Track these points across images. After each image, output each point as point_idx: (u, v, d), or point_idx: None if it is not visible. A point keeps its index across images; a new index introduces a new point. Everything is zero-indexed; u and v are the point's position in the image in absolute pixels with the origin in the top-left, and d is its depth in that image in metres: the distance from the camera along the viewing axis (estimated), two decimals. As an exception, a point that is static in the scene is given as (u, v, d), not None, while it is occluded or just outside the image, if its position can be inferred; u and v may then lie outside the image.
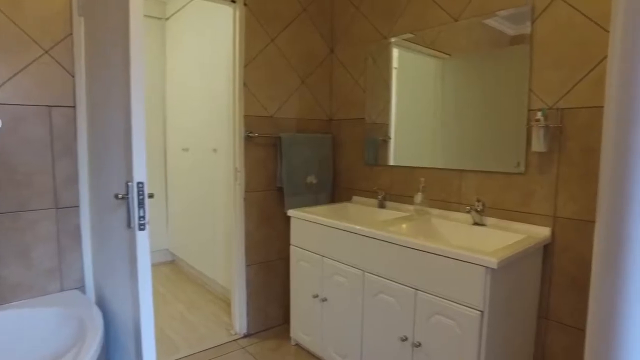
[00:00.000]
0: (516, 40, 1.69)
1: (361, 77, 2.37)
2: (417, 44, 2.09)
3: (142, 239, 1.15)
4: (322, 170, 2.47)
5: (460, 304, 1.39)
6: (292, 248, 2.14)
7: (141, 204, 1.14)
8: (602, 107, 1.46)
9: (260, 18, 2.23)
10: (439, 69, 2.01)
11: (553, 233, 1.61)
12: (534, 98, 1.63)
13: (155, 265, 3.64)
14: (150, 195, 1.24)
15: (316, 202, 2.42)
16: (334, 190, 2.57)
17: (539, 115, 1.56)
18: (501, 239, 1.60)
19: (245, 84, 2.20)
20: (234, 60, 2.20)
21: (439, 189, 1.99)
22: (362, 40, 2.35)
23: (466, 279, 1.37)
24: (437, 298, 1.46)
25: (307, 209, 2.16)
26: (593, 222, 1.50)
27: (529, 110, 1.64)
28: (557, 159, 1.59)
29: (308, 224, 2.01)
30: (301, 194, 2.37)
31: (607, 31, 1.44)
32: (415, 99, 2.12)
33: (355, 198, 2.43)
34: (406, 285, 1.56)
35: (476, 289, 1.35)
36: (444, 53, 1.97)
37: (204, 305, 2.81)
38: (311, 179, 2.41)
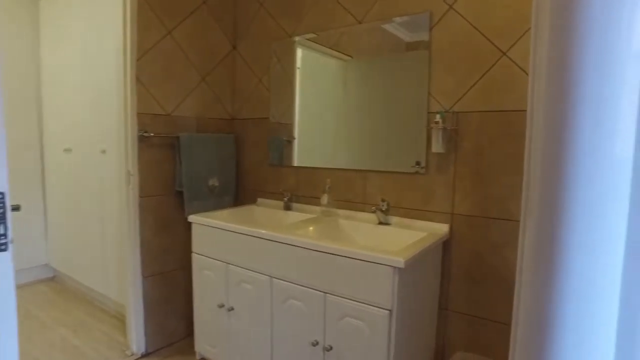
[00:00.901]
0: (415, 45, 1.76)
1: (265, 76, 2.30)
2: (320, 44, 2.08)
3: (3, 261, 0.94)
4: (225, 172, 2.34)
5: (369, 305, 1.40)
6: (194, 256, 1.99)
7: (1, 219, 0.94)
8: (490, 111, 1.59)
9: (155, 7, 2.03)
10: (342, 70, 2.03)
11: (451, 229, 1.71)
12: (433, 101, 1.71)
13: (31, 285, 3.16)
14: (15, 208, 1.03)
15: (220, 206, 2.29)
16: (239, 192, 2.46)
17: (438, 117, 1.64)
18: (406, 238, 1.65)
19: (138, 79, 1.99)
20: (125, 52, 1.97)
21: (344, 189, 2.00)
22: (266, 38, 2.28)
23: (374, 279, 1.38)
24: (347, 300, 1.45)
25: (209, 213, 2.02)
26: (484, 217, 1.62)
27: (429, 112, 1.72)
28: (454, 159, 1.68)
29: (211, 230, 1.88)
30: (203, 197, 2.22)
31: (493, 43, 1.57)
32: (319, 99, 2.11)
33: (260, 200, 2.35)
34: (315, 289, 1.53)
35: (384, 289, 1.36)
36: (346, 55, 1.99)
37: (94, 325, 2.50)
38: (213, 181, 2.27)
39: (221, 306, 1.86)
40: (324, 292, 1.51)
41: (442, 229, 1.71)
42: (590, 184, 0.32)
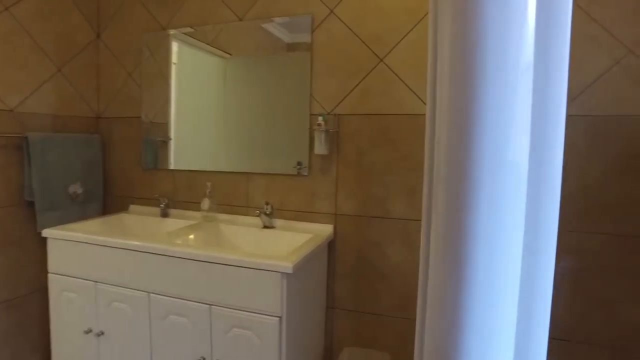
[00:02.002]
0: (296, 47, 1.77)
1: (136, 71, 2.08)
2: (198, 39, 1.96)
3: None
4: (90, 177, 2.07)
5: (258, 313, 1.35)
6: (51, 277, 1.70)
7: None
8: (369, 114, 1.66)
9: (-12, -21, 1.69)
10: (221, 68, 1.94)
11: (335, 229, 1.75)
12: (315, 103, 1.73)
13: None
14: None
15: (84, 216, 2.01)
16: (107, 199, 2.19)
17: (320, 119, 1.66)
18: (292, 240, 1.64)
19: (-34, 66, 1.63)
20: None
21: (227, 193, 1.91)
22: (137, 29, 2.07)
23: (262, 286, 1.34)
24: (234, 310, 1.38)
25: (70, 225, 1.76)
26: (366, 216, 1.70)
27: (311, 114, 1.73)
28: (336, 161, 1.73)
29: (73, 245, 1.63)
30: (62, 207, 1.92)
31: (371, 49, 1.64)
32: (197, 98, 1.99)
33: (133, 207, 2.12)
34: (199, 302, 1.43)
35: (273, 296, 1.33)
36: (225, 52, 1.91)
37: None
38: (75, 188, 1.98)
39: (88, 331, 1.63)
40: (209, 304, 1.41)
41: (327, 229, 1.74)
42: (492, 183, 0.34)
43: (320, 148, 1.69)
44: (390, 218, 1.68)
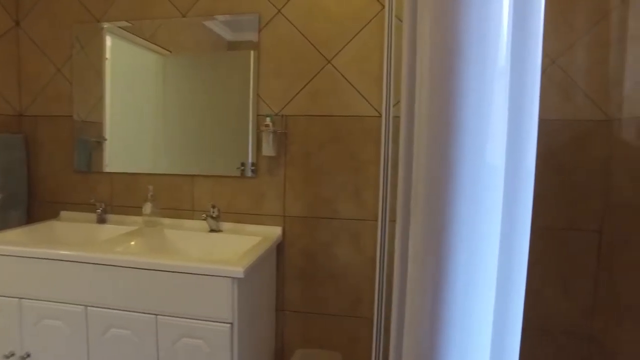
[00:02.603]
0: (239, 45, 1.73)
1: (66, 65, 1.92)
2: (134, 34, 1.85)
3: None
4: (11, 181, 1.87)
5: (208, 321, 1.30)
6: (-33, 294, 1.52)
7: None
8: (317, 115, 1.67)
9: None
10: (160, 65, 1.84)
11: (284, 231, 1.74)
12: (262, 104, 1.71)
13: None
14: None
15: (5, 224, 1.82)
16: (33, 206, 2.00)
17: (268, 120, 1.64)
18: (240, 244, 1.60)
19: None
20: None
21: (170, 196, 1.83)
22: (66, 19, 1.90)
23: (212, 293, 1.29)
24: (182, 319, 1.32)
25: (-11, 236, 1.58)
26: (314, 217, 1.70)
27: (258, 115, 1.70)
28: (284, 162, 1.71)
29: (-7, 257, 1.47)
30: (-22, 215, 1.73)
31: (319, 51, 1.65)
32: (135, 96, 1.87)
33: (64, 214, 1.96)
34: (144, 313, 1.35)
35: (224, 302, 1.29)
36: (164, 49, 1.82)
37: None
38: (-6, 193, 1.79)
39: (10, 355, 1.47)
40: (155, 314, 1.34)
41: (276, 231, 1.72)
42: (472, 186, 0.35)
43: (268, 149, 1.67)
44: (338, 219, 1.70)
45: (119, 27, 1.85)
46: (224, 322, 1.29)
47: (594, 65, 1.50)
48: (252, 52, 1.70)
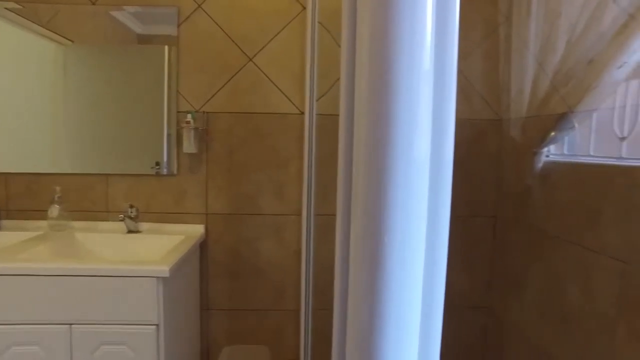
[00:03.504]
0: (154, 39, 1.66)
1: (-57, 51, 1.68)
2: (26, 18, 1.67)
3: None
4: None
5: (131, 324, 1.25)
6: None
7: None
8: (238, 113, 1.67)
9: None
10: (60, 55, 1.70)
11: (207, 229, 1.71)
12: (183, 101, 1.66)
13: None
14: None
15: None
16: None
17: (189, 117, 1.60)
18: (162, 243, 1.55)
19: None
20: None
21: (81, 197, 1.70)
22: (-59, -1, 1.67)
23: (135, 295, 1.24)
24: (101, 326, 1.25)
25: None
26: (238, 214, 1.71)
27: (179, 112, 1.66)
28: (206, 159, 1.69)
29: None
30: None
31: (240, 48, 1.65)
32: (28, 88, 1.70)
33: (-54, 221, 1.72)
34: (55, 324, 1.25)
35: (148, 303, 1.25)
36: (65, 38, 1.68)
37: None
38: None
39: None
40: (69, 324, 1.25)
41: (198, 230, 1.69)
42: (404, 180, 0.41)
43: (189, 146, 1.63)
44: (262, 214, 1.73)
45: (6, 9, 1.67)
46: (149, 324, 1.25)
47: (487, 72, 1.70)
48: (166, 47, 1.65)
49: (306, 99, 1.54)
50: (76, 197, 1.69)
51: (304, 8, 1.64)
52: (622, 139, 1.20)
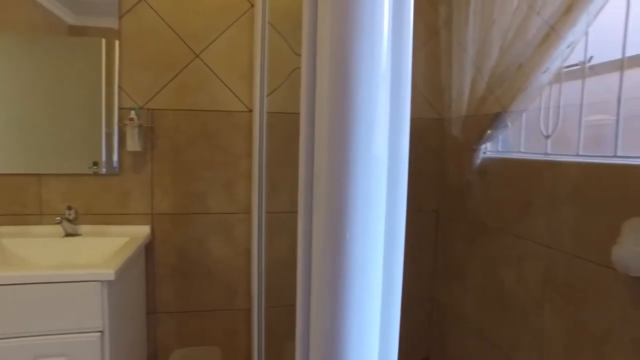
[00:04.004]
0: (94, 32, 1.57)
1: None
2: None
3: None
4: None
5: (72, 333, 1.18)
6: None
7: None
8: (185, 110, 1.63)
9: None
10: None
11: (152, 230, 1.66)
12: (125, 97, 1.59)
13: None
14: None
15: None
16: None
17: (133, 114, 1.54)
18: (105, 246, 1.48)
19: None
20: None
21: (8, 200, 1.57)
22: None
23: (77, 301, 1.18)
24: (39, 337, 1.17)
25: None
26: (185, 214, 1.67)
27: (121, 108, 1.58)
28: (151, 158, 1.63)
29: None
30: None
31: (187, 44, 1.61)
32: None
33: None
34: (-17, 338, 1.15)
35: (92, 309, 1.18)
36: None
37: None
38: None
39: None
40: (3, 338, 1.16)
41: (144, 231, 1.63)
42: (365, 176, 0.43)
43: (133, 144, 1.56)
44: (210, 213, 1.70)
45: None
46: (93, 331, 1.19)
47: (430, 74, 1.79)
48: (103, 40, 1.56)
49: (256, 97, 1.53)
50: (4, 199, 1.56)
51: (252, 5, 1.63)
52: (547, 137, 1.32)
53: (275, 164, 1.58)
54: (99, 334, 1.20)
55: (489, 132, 1.45)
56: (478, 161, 1.54)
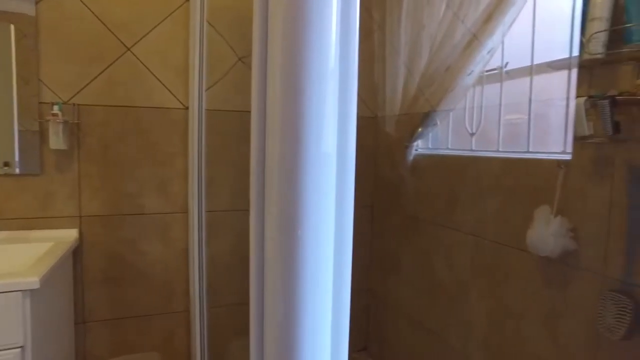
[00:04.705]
0: (6, 17, 1.42)
1: None
2: None
3: None
4: None
5: (-12, 350, 1.08)
6: None
7: None
8: (116, 106, 1.55)
9: None
10: None
11: (81, 233, 1.55)
12: (46, 90, 1.47)
13: None
14: None
15: None
16: None
17: (56, 109, 1.43)
18: (25, 253, 1.36)
19: None
20: None
21: None
22: None
23: (-5, 314, 1.08)
24: (-50, 355, 1.06)
25: None
26: (117, 215, 1.59)
27: (41, 103, 1.46)
28: (78, 156, 1.53)
29: None
30: None
31: (117, 36, 1.53)
32: None
33: None
34: None
35: (12, 322, 1.08)
36: None
37: None
38: None
39: None
40: None
41: (71, 234, 1.52)
42: (316, 173, 0.45)
43: (56, 142, 1.45)
44: (144, 214, 1.63)
45: None
46: (12, 348, 1.09)
47: (365, 74, 1.86)
48: (12, 26, 1.43)
49: (195, 94, 1.49)
50: None
51: (187, 0, 1.58)
52: (472, 134, 1.43)
53: (213, 162, 1.55)
54: (18, 350, 1.10)
55: (419, 130, 1.55)
56: (410, 158, 1.63)
